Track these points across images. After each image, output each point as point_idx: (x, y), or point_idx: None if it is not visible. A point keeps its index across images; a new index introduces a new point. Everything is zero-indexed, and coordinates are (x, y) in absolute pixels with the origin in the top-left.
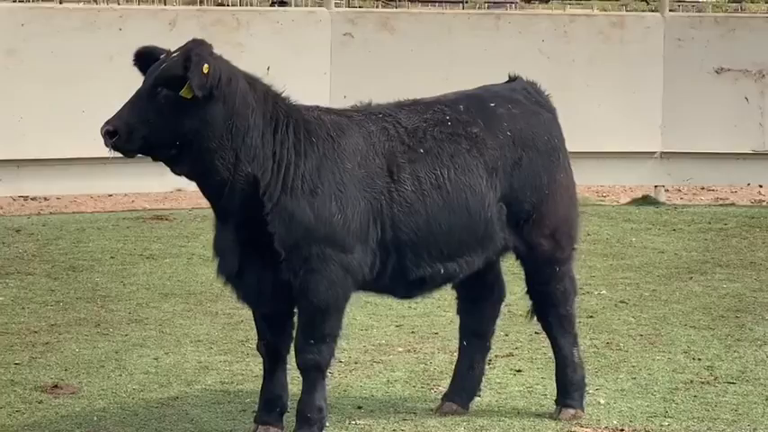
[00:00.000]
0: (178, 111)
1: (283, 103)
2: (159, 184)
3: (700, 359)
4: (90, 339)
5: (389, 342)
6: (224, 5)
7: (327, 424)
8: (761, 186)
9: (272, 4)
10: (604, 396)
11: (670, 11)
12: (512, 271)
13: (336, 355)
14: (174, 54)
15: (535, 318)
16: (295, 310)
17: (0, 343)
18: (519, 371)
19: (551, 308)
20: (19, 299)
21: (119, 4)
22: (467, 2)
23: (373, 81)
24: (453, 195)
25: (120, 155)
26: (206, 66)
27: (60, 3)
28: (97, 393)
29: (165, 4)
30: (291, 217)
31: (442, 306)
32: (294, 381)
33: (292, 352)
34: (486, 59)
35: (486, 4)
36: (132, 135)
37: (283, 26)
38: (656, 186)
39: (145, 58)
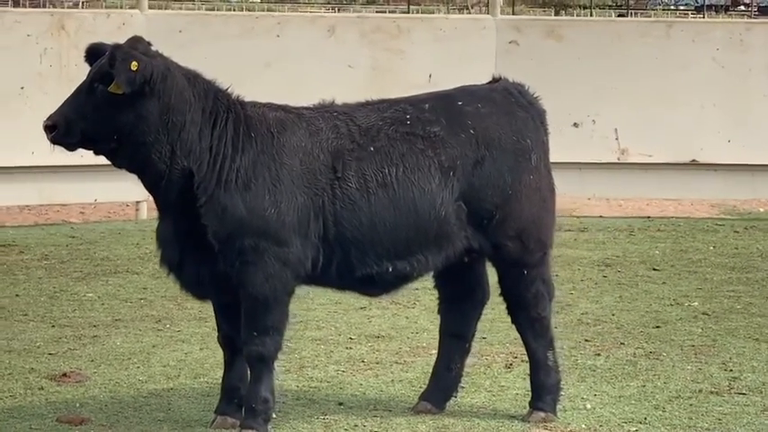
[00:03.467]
0: (114, 106)
1: (226, 99)
2: None
3: (731, 370)
4: (140, 334)
5: (430, 345)
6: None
7: (274, 415)
8: None
9: None
10: (597, 402)
11: None
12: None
13: (366, 354)
14: None
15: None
16: None
17: (52, 335)
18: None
19: (522, 311)
20: (106, 296)
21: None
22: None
23: (539, 90)
24: (400, 194)
25: (63, 148)
26: (134, 63)
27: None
28: (101, 383)
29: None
30: (224, 210)
31: None
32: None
33: None
34: (656, 68)
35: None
36: (70, 129)
37: (446, 33)
38: None
39: (93, 55)
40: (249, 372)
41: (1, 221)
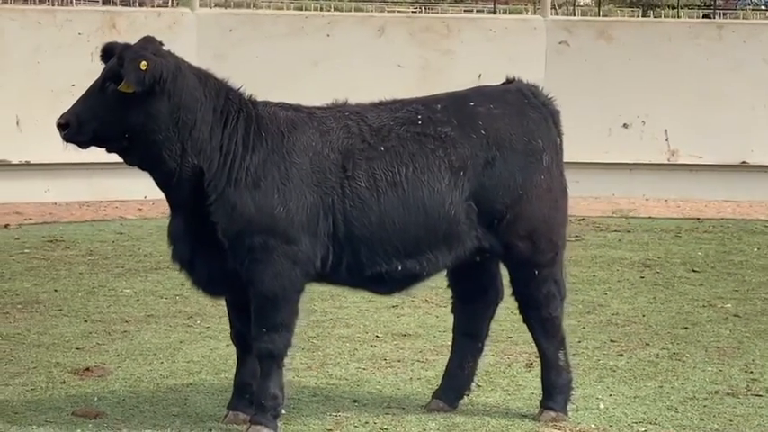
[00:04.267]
0: (124, 105)
1: (237, 98)
2: None
3: (751, 372)
4: (169, 330)
5: None
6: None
7: (284, 411)
8: None
9: None
10: (611, 402)
11: None
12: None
13: (389, 352)
14: None
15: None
16: None
17: (83, 330)
18: None
19: (533, 311)
20: (143, 292)
21: (323, 9)
22: None
23: (589, 90)
24: (410, 193)
25: (75, 146)
26: (143, 62)
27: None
28: (123, 377)
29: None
30: (233, 208)
31: None
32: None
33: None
34: (707, 69)
35: None
36: (82, 127)
37: (496, 33)
38: None
39: (108, 54)
40: (259, 368)
41: (58, 217)
